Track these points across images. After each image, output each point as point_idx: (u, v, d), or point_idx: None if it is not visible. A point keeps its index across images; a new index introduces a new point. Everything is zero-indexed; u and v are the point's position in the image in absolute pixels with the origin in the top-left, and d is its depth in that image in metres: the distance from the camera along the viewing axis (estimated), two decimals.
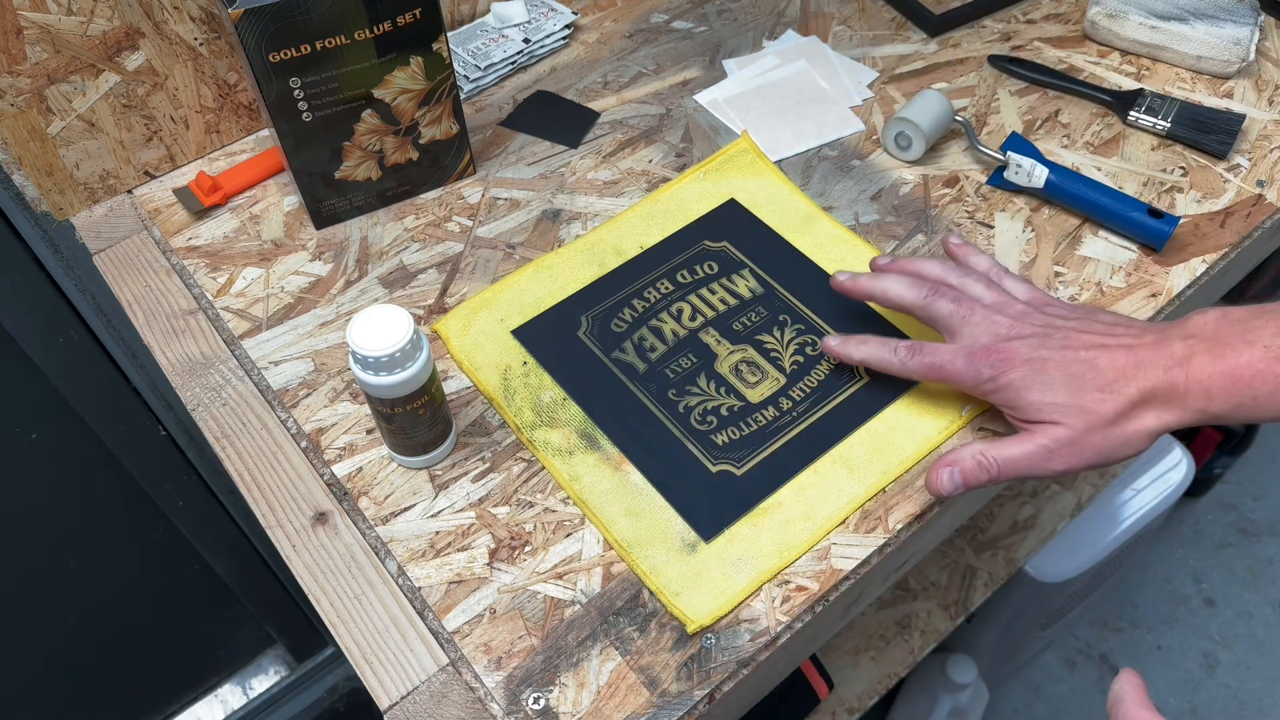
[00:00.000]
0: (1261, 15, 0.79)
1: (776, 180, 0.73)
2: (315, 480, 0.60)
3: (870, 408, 0.61)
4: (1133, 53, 0.80)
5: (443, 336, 0.65)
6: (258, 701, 1.31)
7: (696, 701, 0.51)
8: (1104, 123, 0.76)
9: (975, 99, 0.79)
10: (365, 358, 0.51)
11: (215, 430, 0.62)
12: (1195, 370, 0.51)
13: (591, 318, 0.65)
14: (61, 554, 0.99)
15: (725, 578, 0.54)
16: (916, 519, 0.57)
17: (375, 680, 0.52)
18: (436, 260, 0.70)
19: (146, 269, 0.71)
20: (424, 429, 0.56)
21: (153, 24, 0.68)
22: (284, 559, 0.57)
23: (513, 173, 0.75)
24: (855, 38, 0.84)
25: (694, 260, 0.68)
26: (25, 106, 0.66)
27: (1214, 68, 0.77)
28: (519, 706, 0.51)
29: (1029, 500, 1.17)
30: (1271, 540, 1.63)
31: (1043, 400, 0.52)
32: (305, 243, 0.71)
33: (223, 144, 0.77)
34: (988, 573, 1.15)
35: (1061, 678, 1.50)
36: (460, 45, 0.81)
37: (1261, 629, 1.54)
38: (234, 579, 1.14)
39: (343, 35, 0.62)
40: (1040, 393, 0.53)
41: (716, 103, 0.79)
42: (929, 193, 0.73)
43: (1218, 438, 1.49)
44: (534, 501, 0.58)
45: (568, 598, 0.54)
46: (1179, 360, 0.51)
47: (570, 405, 0.61)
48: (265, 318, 0.67)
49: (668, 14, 0.87)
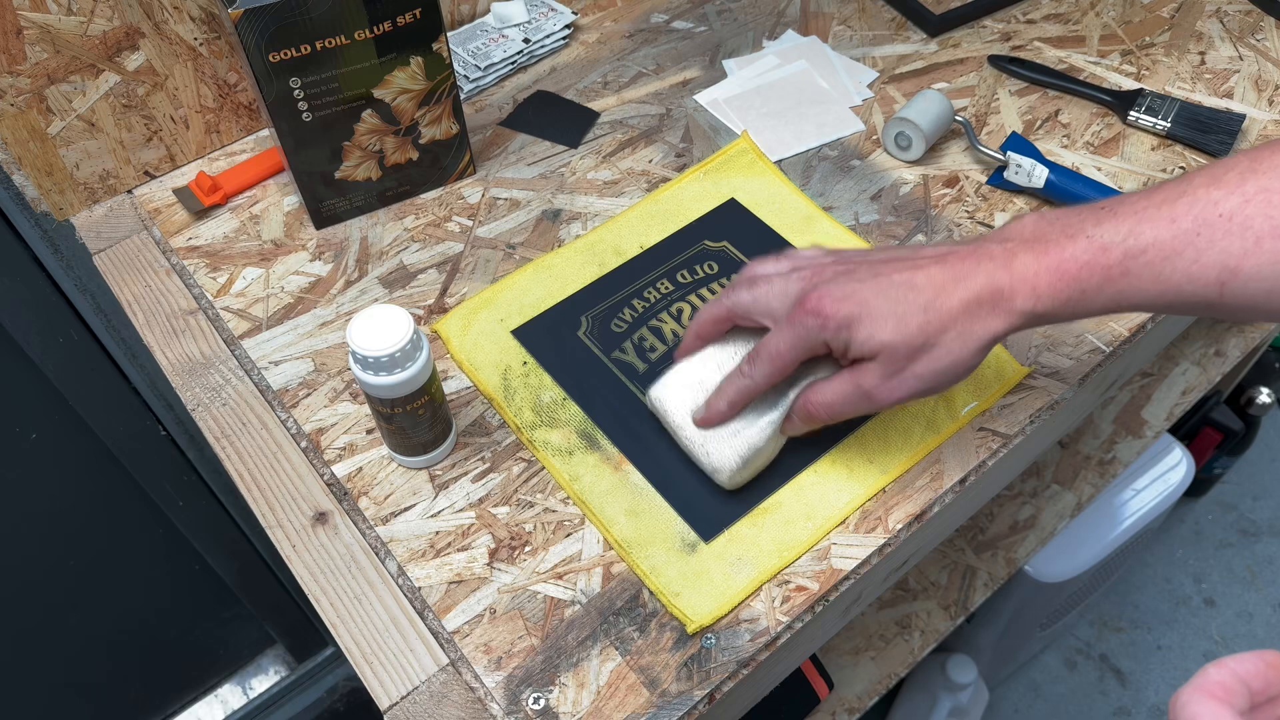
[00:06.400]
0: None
1: (776, 180, 0.73)
2: (315, 480, 0.60)
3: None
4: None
5: (443, 336, 0.65)
6: (258, 701, 1.31)
7: (696, 701, 0.51)
8: (1104, 123, 0.76)
9: (975, 99, 0.79)
10: (365, 358, 0.51)
11: (215, 430, 0.62)
12: (1019, 269, 0.48)
13: (591, 318, 0.65)
14: (61, 554, 0.99)
15: (725, 578, 0.54)
16: (916, 519, 0.57)
17: (375, 680, 0.52)
18: (436, 260, 0.70)
19: (146, 269, 0.71)
20: (424, 429, 0.56)
21: (153, 24, 0.68)
22: (284, 559, 0.57)
23: (513, 173, 0.75)
24: (855, 38, 0.84)
25: (694, 260, 0.68)
26: (25, 106, 0.66)
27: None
28: (519, 706, 0.51)
29: (1029, 500, 1.17)
30: (1271, 540, 1.63)
31: (871, 336, 0.50)
32: (305, 243, 0.71)
33: (223, 144, 0.77)
34: (988, 573, 1.14)
35: (1061, 678, 1.50)
36: (460, 45, 0.81)
37: (1261, 629, 1.54)
38: (234, 579, 1.14)
39: (343, 35, 0.62)
40: (870, 327, 0.50)
41: (716, 103, 0.79)
42: (929, 193, 0.72)
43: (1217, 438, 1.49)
44: (534, 501, 0.58)
45: (568, 598, 0.54)
46: (1000, 263, 0.49)
47: (570, 405, 0.61)
48: (265, 318, 0.67)
49: (668, 14, 0.87)
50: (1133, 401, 1.24)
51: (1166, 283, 0.47)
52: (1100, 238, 0.47)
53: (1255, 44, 0.81)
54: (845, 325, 0.50)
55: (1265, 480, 1.68)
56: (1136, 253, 0.47)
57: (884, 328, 0.49)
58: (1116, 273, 0.47)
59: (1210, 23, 0.83)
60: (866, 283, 0.50)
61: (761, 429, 0.55)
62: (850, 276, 0.51)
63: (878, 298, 0.50)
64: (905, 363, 0.50)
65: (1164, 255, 0.46)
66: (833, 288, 0.51)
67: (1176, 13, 0.84)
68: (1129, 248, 0.47)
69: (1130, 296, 0.48)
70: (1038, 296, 0.48)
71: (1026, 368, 0.62)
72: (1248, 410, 1.48)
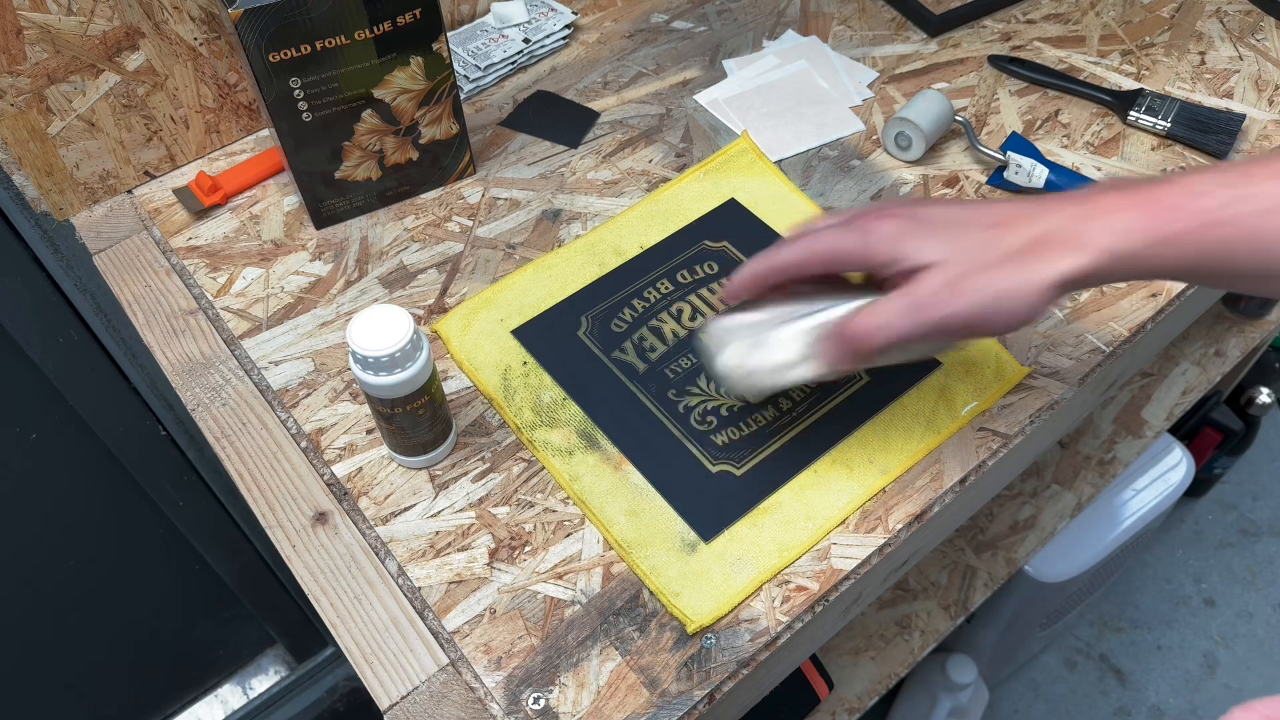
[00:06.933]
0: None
1: (776, 180, 0.73)
2: (315, 480, 0.60)
3: (869, 408, 0.61)
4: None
5: (443, 336, 0.65)
6: (258, 701, 1.30)
7: (696, 702, 0.51)
8: (1104, 123, 0.76)
9: (975, 99, 0.79)
10: (365, 358, 0.51)
11: (215, 430, 0.62)
12: (1103, 203, 0.44)
13: (591, 318, 0.65)
14: (61, 554, 0.99)
15: (725, 578, 0.54)
16: (916, 519, 0.57)
17: (375, 680, 0.52)
18: (436, 260, 0.70)
19: (146, 269, 0.71)
20: (424, 429, 0.56)
21: (153, 24, 0.68)
22: (284, 559, 0.57)
23: (513, 173, 0.75)
24: (855, 38, 0.84)
25: (694, 260, 0.68)
26: (25, 106, 0.66)
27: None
28: (519, 706, 0.51)
29: (1029, 500, 1.17)
30: (1271, 540, 1.63)
31: (923, 247, 0.45)
32: (305, 243, 0.71)
33: (223, 144, 0.77)
34: (988, 573, 1.14)
35: (1061, 678, 1.50)
36: (460, 45, 0.81)
37: (1261, 629, 1.54)
38: (234, 579, 1.14)
39: (343, 35, 0.62)
40: (923, 238, 0.45)
41: (716, 103, 0.79)
42: (929, 193, 0.72)
43: (1217, 438, 1.49)
44: (534, 501, 0.58)
45: (568, 598, 0.54)
46: (1082, 198, 0.45)
47: (570, 405, 0.61)
48: (265, 318, 0.67)
49: (668, 14, 0.87)
50: (1133, 401, 1.24)
51: (1260, 240, 0.43)
52: (1194, 186, 0.44)
53: (1255, 44, 0.81)
54: (892, 239, 0.46)
55: (1265, 480, 1.68)
56: (1234, 201, 0.43)
57: (940, 238, 0.45)
58: (1211, 219, 0.43)
59: (1210, 23, 0.83)
60: (936, 208, 0.47)
61: (786, 340, 0.50)
62: (929, 205, 0.48)
63: (942, 215, 0.46)
64: (966, 272, 0.44)
65: (1263, 209, 0.43)
66: (901, 206, 0.48)
67: (1176, 13, 0.84)
68: (1223, 198, 0.43)
69: (1217, 253, 0.44)
70: (1117, 232, 0.43)
71: (1026, 368, 0.62)
72: (1248, 410, 1.48)
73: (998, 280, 0.44)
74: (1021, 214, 0.45)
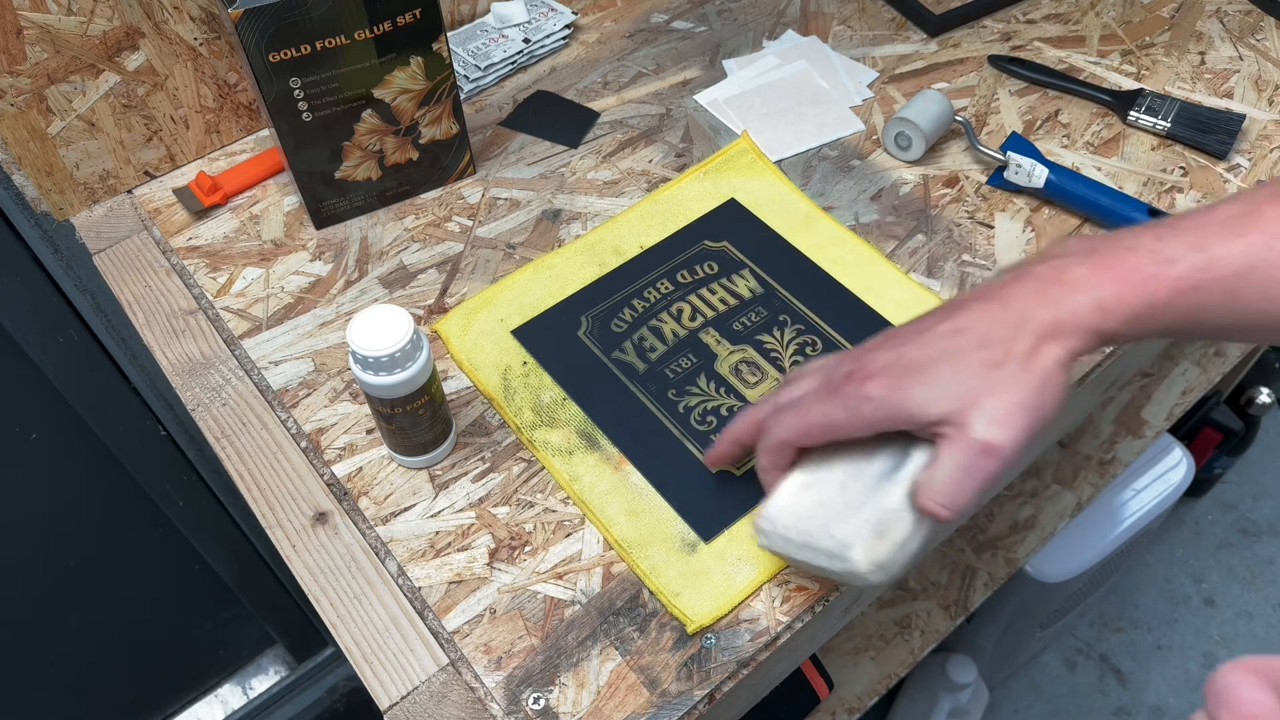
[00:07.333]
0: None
1: (776, 180, 0.73)
2: (315, 480, 0.60)
3: None
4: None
5: (443, 336, 0.65)
6: (258, 701, 1.30)
7: (696, 702, 0.51)
8: (1104, 123, 0.76)
9: (975, 99, 0.79)
10: (365, 358, 0.51)
11: (215, 430, 0.62)
12: (1072, 280, 0.44)
13: (591, 318, 0.65)
14: (62, 554, 0.99)
15: (725, 578, 0.54)
16: None
17: (375, 680, 0.52)
18: (436, 260, 0.70)
19: (146, 269, 0.71)
20: (424, 429, 0.56)
21: (153, 24, 0.68)
22: (284, 559, 0.57)
23: (513, 173, 0.75)
24: (855, 38, 0.84)
25: (694, 260, 0.68)
26: (25, 106, 0.66)
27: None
28: (519, 706, 0.51)
29: (1029, 500, 1.17)
30: (1271, 540, 1.63)
31: (928, 395, 0.44)
32: (305, 243, 0.71)
33: (223, 144, 0.77)
34: (988, 573, 1.14)
35: (1061, 678, 1.50)
36: (460, 45, 0.81)
37: (1261, 629, 1.54)
38: (234, 579, 1.14)
39: (343, 35, 0.62)
40: (922, 388, 0.44)
41: (716, 103, 0.79)
42: (929, 193, 0.72)
43: (1217, 438, 1.49)
44: (534, 501, 0.58)
45: (568, 598, 0.54)
46: (1050, 280, 0.44)
47: (570, 405, 0.61)
48: (265, 318, 0.67)
49: (668, 14, 0.87)
50: (1133, 401, 1.24)
51: (1240, 299, 0.43)
52: (1163, 251, 0.43)
53: (1255, 44, 0.81)
54: (898, 396, 0.44)
55: (1265, 480, 1.68)
56: (1206, 266, 0.43)
57: (938, 383, 0.44)
58: (1186, 285, 0.43)
59: (1210, 23, 0.83)
60: (912, 343, 0.45)
61: (888, 492, 0.47)
62: (897, 343, 0.46)
63: (921, 350, 0.45)
64: (988, 407, 0.43)
65: (1236, 271, 0.43)
66: (877, 354, 0.46)
67: (1176, 13, 0.84)
68: (1196, 261, 0.43)
69: (1200, 316, 0.43)
70: (1104, 311, 0.43)
71: None
72: (1248, 410, 1.48)
73: (1024, 395, 0.43)
74: (997, 317, 0.44)
